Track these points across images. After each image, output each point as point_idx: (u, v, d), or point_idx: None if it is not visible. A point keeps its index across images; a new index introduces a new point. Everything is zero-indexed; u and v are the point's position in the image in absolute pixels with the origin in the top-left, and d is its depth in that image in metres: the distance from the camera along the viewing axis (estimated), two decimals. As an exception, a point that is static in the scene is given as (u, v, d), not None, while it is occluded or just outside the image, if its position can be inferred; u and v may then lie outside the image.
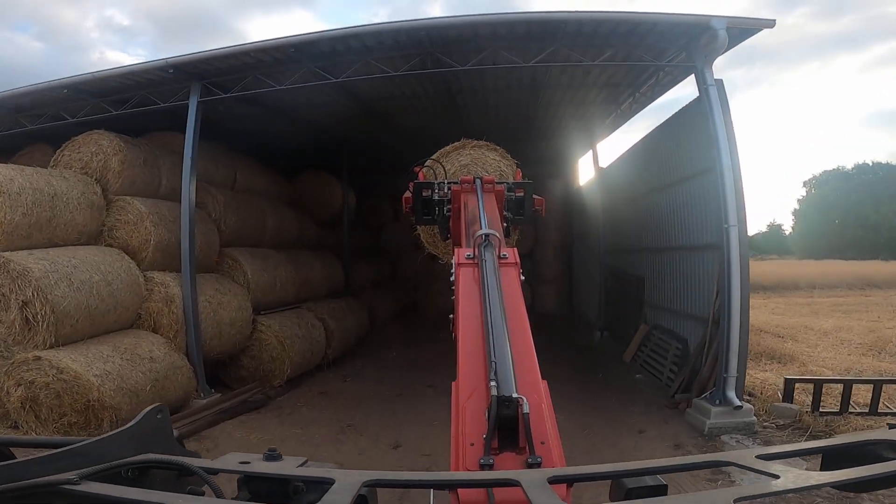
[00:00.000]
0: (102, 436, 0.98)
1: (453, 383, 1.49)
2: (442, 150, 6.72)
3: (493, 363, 1.34)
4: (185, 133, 8.04)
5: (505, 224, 4.06)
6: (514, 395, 1.21)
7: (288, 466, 0.96)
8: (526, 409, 1.19)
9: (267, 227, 10.72)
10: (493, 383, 1.26)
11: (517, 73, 8.77)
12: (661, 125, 9.70)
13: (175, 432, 1.08)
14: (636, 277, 11.00)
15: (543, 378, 1.48)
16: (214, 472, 0.95)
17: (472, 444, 1.22)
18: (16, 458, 0.99)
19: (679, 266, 8.98)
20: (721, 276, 6.95)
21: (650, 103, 10.20)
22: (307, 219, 12.92)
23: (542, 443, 1.20)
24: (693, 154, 8.20)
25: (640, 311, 10.73)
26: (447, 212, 4.09)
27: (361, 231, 16.71)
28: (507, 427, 1.21)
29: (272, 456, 1.00)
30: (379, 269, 16.99)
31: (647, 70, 8.66)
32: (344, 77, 7.81)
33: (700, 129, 7.40)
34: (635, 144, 11.35)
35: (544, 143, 14.15)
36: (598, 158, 13.64)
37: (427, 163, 5.57)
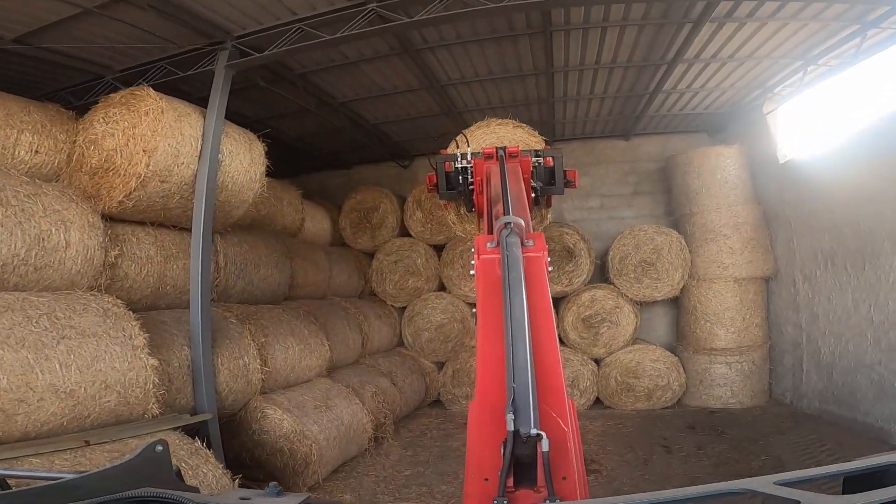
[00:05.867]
0: (99, 469, 0.96)
1: (471, 403, 1.41)
2: (467, 129, 6.52)
3: (513, 388, 1.25)
4: None
5: (534, 195, 3.95)
6: (533, 432, 1.14)
7: (289, 503, 0.95)
8: (545, 447, 1.11)
9: None
10: (510, 416, 1.17)
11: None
12: None
13: (174, 466, 1.06)
14: None
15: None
16: (213, 508, 0.92)
17: (487, 480, 1.16)
18: (12, 488, 0.98)
19: None
20: None
21: None
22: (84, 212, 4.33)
23: (564, 478, 1.14)
24: None
25: None
26: (470, 185, 4.02)
27: (337, 252, 8.85)
28: (524, 462, 1.14)
29: (273, 492, 0.99)
30: (356, 334, 7.83)
31: None
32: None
33: None
34: None
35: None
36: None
37: (457, 138, 5.48)
